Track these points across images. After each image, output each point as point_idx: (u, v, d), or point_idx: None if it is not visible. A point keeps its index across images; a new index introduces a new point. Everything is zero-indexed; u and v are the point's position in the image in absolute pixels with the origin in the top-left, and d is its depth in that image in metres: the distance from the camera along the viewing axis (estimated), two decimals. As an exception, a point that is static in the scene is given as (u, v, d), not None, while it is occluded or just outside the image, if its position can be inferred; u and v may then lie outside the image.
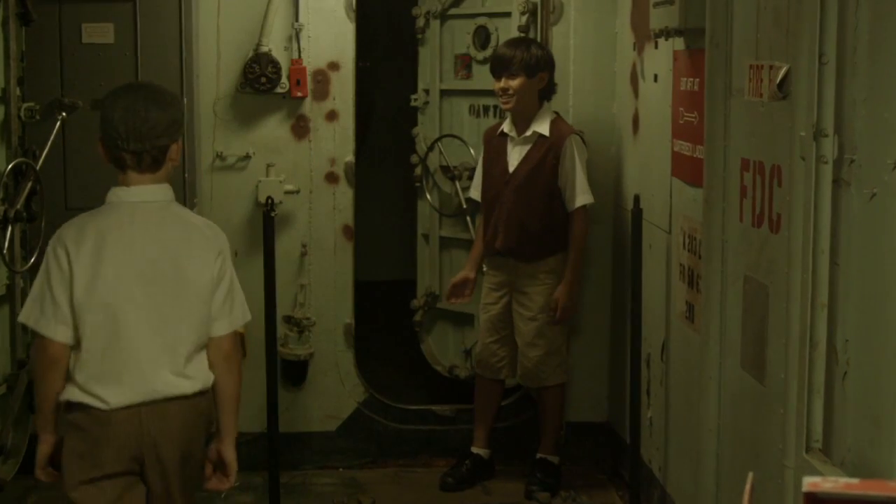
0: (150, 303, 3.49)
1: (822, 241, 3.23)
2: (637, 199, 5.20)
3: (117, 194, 3.55)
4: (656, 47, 5.21)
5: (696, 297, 4.66)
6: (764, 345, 3.82)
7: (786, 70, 3.55)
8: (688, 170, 4.74)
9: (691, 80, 4.68)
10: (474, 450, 5.92)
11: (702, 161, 4.39)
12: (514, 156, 5.66)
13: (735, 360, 4.10)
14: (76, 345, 3.46)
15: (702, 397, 4.33)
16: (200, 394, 3.58)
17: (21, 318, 3.53)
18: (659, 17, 4.77)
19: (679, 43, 4.82)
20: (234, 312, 3.64)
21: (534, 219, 5.58)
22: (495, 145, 5.75)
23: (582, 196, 5.51)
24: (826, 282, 3.24)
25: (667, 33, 4.67)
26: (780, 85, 3.58)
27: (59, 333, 3.45)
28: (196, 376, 3.56)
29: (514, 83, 5.56)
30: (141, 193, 3.53)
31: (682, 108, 4.81)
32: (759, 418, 3.87)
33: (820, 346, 3.26)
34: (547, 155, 5.55)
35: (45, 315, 3.44)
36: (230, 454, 3.72)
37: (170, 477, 3.55)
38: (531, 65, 5.54)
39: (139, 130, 3.47)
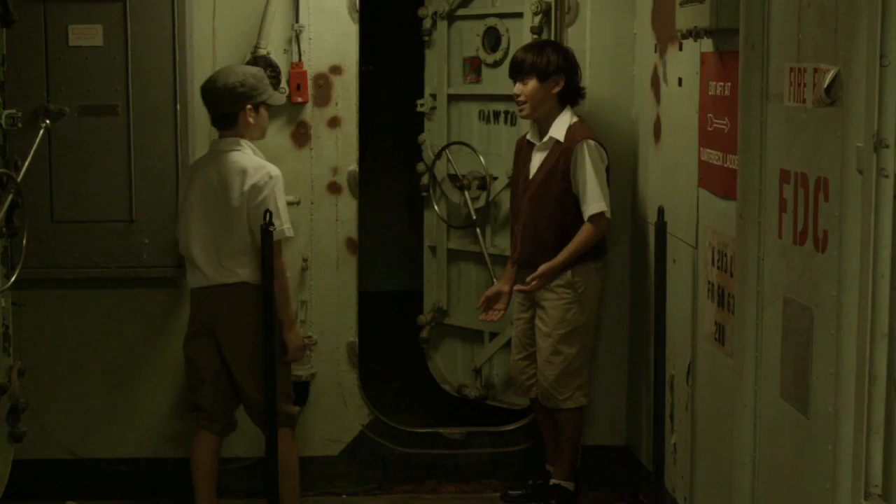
0: (206, 217, 4.95)
1: (881, 265, 2.94)
2: (661, 211, 4.92)
3: (211, 143, 5.10)
4: (681, 49, 4.96)
5: (726, 318, 4.39)
6: (807, 374, 3.53)
7: (834, 73, 3.27)
8: (718, 180, 4.48)
9: (721, 83, 4.42)
10: (548, 467, 5.72)
11: (734, 171, 4.15)
12: (535, 163, 5.46)
13: (773, 389, 3.82)
14: None
15: (735, 426, 4.07)
16: (243, 284, 4.93)
17: None
18: (686, 17, 4.50)
19: (707, 44, 4.55)
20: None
21: (548, 228, 5.36)
22: (523, 153, 5.56)
23: (595, 204, 5.25)
24: (886, 309, 2.96)
25: (696, 34, 4.40)
26: (828, 89, 3.28)
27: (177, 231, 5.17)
28: (235, 271, 4.93)
29: (526, 88, 5.36)
30: (219, 143, 5.01)
31: (710, 115, 4.55)
32: (803, 454, 3.58)
33: (879, 380, 2.97)
34: (559, 161, 5.32)
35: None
36: (287, 336, 5.04)
37: (229, 340, 4.96)
38: (541, 68, 5.32)
39: (209, 100, 4.98)
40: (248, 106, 4.95)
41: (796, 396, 3.62)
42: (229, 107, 4.94)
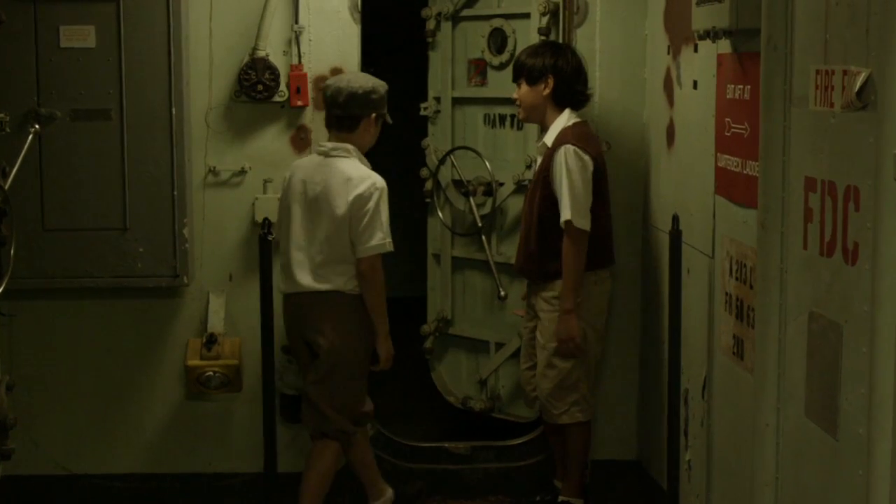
0: (309, 221, 4.95)
1: (921, 279, 2.75)
2: (676, 219, 4.77)
3: (317, 145, 5.17)
4: (696, 50, 4.82)
5: (745, 332, 4.23)
6: (835, 392, 3.37)
7: (866, 75, 3.12)
8: (736, 188, 4.32)
9: (740, 86, 4.27)
10: (556, 482, 5.57)
11: (754, 178, 4.01)
12: (535, 168, 5.32)
13: (798, 407, 3.66)
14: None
15: (756, 445, 3.90)
16: (335, 292, 4.93)
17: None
18: (704, 17, 4.34)
19: (724, 45, 4.39)
20: (370, 242, 4.89)
21: (532, 236, 5.22)
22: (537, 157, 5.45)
23: (565, 212, 5.04)
24: (926, 326, 2.75)
25: (714, 34, 4.24)
26: (860, 93, 3.13)
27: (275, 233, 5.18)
28: (329, 280, 4.94)
29: (520, 92, 5.28)
30: (327, 147, 5.04)
31: (728, 119, 4.40)
32: (831, 477, 3.42)
33: (918, 402, 2.77)
34: (542, 166, 5.18)
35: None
36: (381, 346, 5.09)
37: (319, 347, 4.96)
38: (528, 70, 5.21)
39: (341, 100, 4.97)
40: (374, 115, 5.04)
41: (823, 416, 3.46)
42: (358, 110, 5.00)
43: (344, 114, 4.99)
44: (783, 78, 3.69)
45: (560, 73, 5.19)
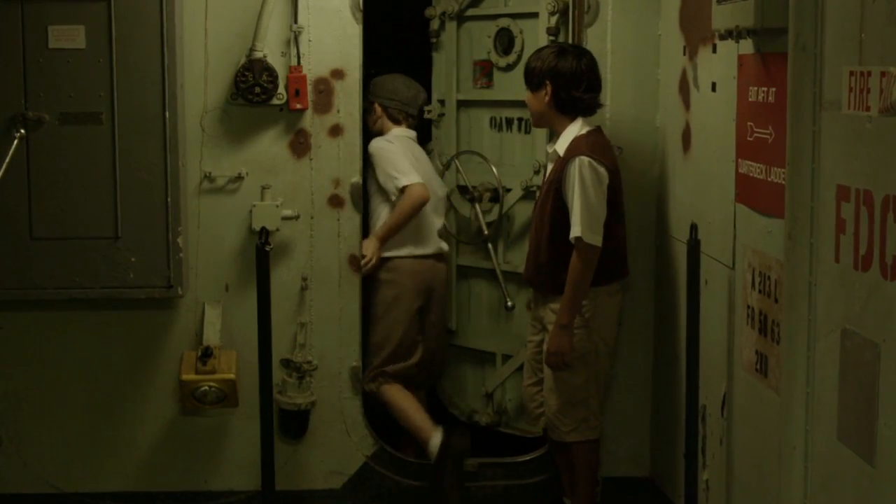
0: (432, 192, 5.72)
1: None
2: (694, 228, 4.60)
3: (397, 134, 5.80)
4: (714, 51, 4.65)
5: (770, 348, 4.07)
6: (873, 416, 3.18)
7: (907, 77, 2.91)
8: (760, 196, 4.15)
9: (764, 89, 4.10)
10: (566, 500, 5.39)
11: (779, 186, 3.85)
12: (547, 177, 5.15)
13: (829, 430, 3.47)
14: None
15: (783, 469, 3.71)
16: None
17: None
18: (725, 16, 4.18)
19: (746, 46, 4.21)
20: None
21: (543, 247, 5.04)
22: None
23: (576, 227, 4.85)
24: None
25: (737, 34, 4.07)
26: None
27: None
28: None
29: (526, 97, 5.12)
30: (410, 133, 5.88)
31: (751, 123, 4.23)
32: (867, 506, 3.22)
33: (970, 432, 2.57)
34: (554, 176, 4.99)
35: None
36: None
37: (439, 306, 5.93)
38: (528, 73, 5.05)
39: (418, 99, 5.93)
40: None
41: (858, 441, 3.27)
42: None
43: (417, 112, 5.92)
44: (813, 80, 3.49)
45: (557, 79, 4.96)
